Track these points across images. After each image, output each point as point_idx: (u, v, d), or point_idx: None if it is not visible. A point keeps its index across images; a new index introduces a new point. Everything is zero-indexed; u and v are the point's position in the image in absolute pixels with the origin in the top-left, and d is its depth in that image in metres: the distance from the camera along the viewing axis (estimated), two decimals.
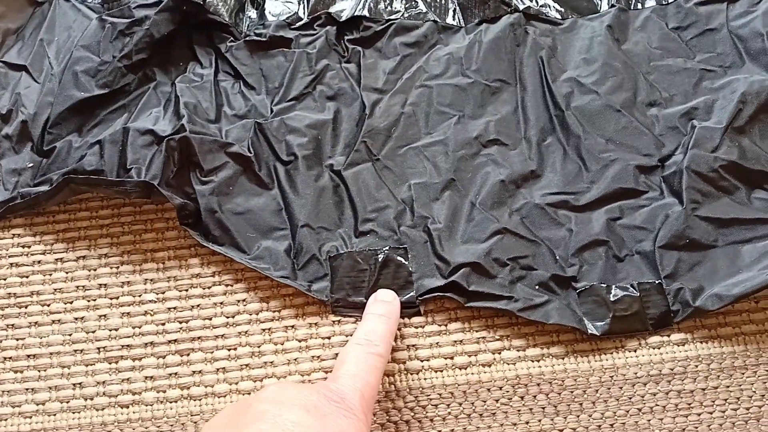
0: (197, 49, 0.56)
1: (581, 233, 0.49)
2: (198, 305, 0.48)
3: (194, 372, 0.46)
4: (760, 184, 0.51)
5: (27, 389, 0.46)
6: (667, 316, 0.47)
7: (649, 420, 0.45)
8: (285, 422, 0.34)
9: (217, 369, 0.46)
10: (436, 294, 0.48)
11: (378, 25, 0.57)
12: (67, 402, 0.46)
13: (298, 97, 0.54)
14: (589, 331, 0.46)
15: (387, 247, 0.49)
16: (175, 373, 0.46)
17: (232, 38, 0.57)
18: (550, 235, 0.49)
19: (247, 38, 0.57)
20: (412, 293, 0.47)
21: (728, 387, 0.46)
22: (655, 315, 0.47)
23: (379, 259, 0.48)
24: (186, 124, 0.50)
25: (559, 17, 0.58)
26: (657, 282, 0.48)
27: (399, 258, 0.48)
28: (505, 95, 0.55)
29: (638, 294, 0.47)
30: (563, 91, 0.54)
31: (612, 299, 0.47)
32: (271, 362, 0.47)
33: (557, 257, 0.48)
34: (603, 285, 0.48)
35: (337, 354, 0.46)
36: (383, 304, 0.45)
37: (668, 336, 0.47)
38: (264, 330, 0.47)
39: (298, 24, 0.58)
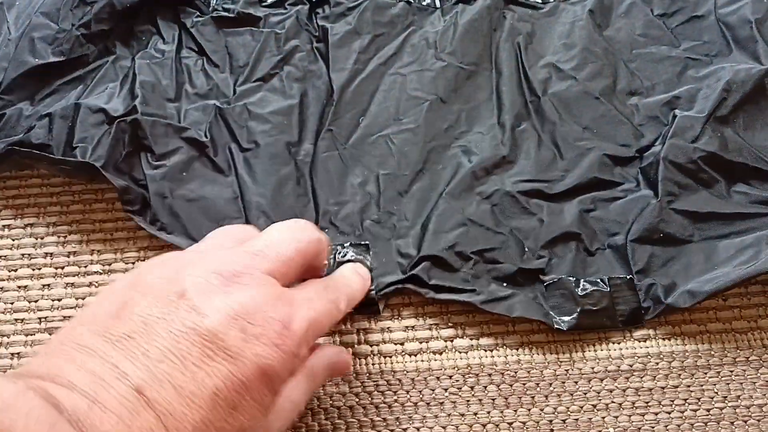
0: (161, 24, 0.58)
1: (552, 224, 0.50)
2: None
3: None
4: (741, 178, 0.52)
5: None
6: (638, 313, 0.48)
7: (603, 417, 0.47)
8: (200, 329, 0.33)
9: None
10: (396, 287, 0.49)
11: (350, 1, 0.59)
12: (4, 371, 0.48)
13: (264, 78, 0.56)
14: (556, 326, 0.47)
15: (348, 243, 0.50)
16: None
17: (198, 13, 0.59)
18: (520, 225, 0.51)
19: (214, 14, 0.59)
20: (372, 289, 0.48)
21: (689, 387, 0.48)
22: (626, 311, 0.48)
23: (339, 255, 0.49)
24: (139, 105, 0.52)
25: (540, 1, 0.60)
26: (628, 277, 0.49)
27: (359, 254, 0.50)
28: (480, 79, 0.56)
29: (608, 289, 0.49)
30: (540, 76, 0.56)
31: (580, 293, 0.48)
32: None
33: (526, 249, 0.50)
34: (572, 278, 0.49)
35: None
36: (360, 275, 0.45)
37: (630, 331, 0.49)
38: None
39: (268, 1, 0.60)
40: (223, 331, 0.33)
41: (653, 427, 0.46)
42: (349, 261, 0.48)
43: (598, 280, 0.48)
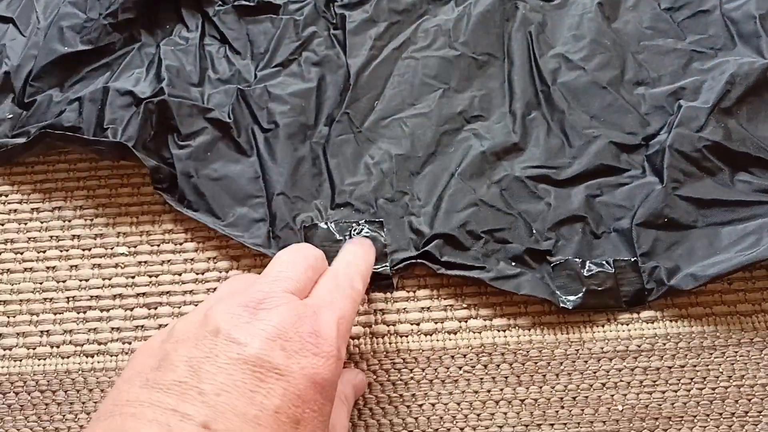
0: (184, 12, 0.60)
1: (560, 208, 0.52)
2: (169, 260, 0.52)
3: (160, 325, 0.50)
4: (744, 167, 0.53)
5: None
6: (642, 294, 0.50)
7: (612, 395, 0.48)
8: (245, 357, 0.34)
9: None
10: (409, 262, 0.51)
11: None
12: (34, 348, 0.50)
13: (283, 64, 0.58)
14: (561, 305, 0.49)
15: (363, 220, 0.52)
16: (142, 326, 0.50)
17: (220, 2, 0.60)
18: (528, 208, 0.52)
19: (235, 3, 0.60)
20: (386, 265, 0.50)
21: (695, 366, 0.49)
22: (629, 292, 0.50)
23: (354, 231, 0.51)
24: (165, 87, 0.54)
25: None
26: (633, 259, 0.50)
27: (374, 231, 0.52)
28: (492, 69, 0.58)
29: (613, 270, 0.50)
30: (550, 66, 0.57)
31: (586, 274, 0.50)
32: None
33: (533, 231, 0.52)
34: (578, 260, 0.51)
35: None
36: (360, 242, 0.46)
37: (638, 313, 0.50)
38: None
39: None
40: (266, 353, 0.34)
41: (660, 405, 0.47)
42: (364, 237, 0.50)
43: (604, 262, 0.49)
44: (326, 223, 0.51)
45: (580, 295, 0.49)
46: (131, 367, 0.37)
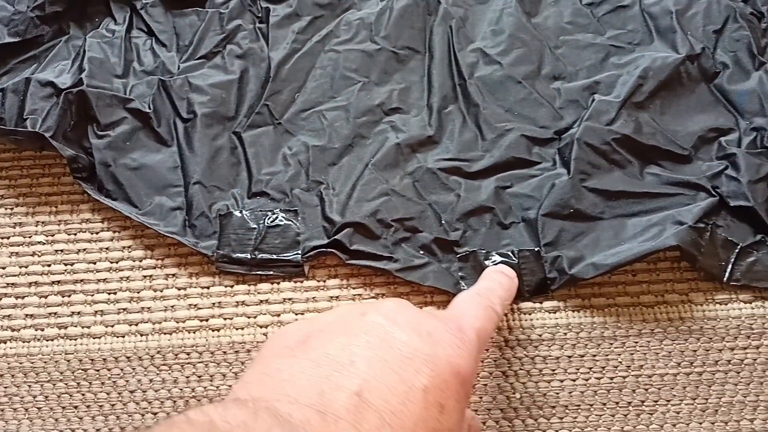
0: (113, 6, 0.60)
1: (469, 199, 0.53)
2: (84, 249, 0.52)
3: (73, 313, 0.50)
4: (653, 160, 0.54)
5: None
6: (544, 283, 0.50)
7: (511, 383, 0.49)
8: (394, 340, 0.34)
9: (96, 311, 0.50)
10: (320, 251, 0.51)
11: None
12: None
13: (207, 56, 0.58)
14: None
15: (278, 209, 0.52)
16: (55, 313, 0.50)
17: None
18: (438, 199, 0.53)
19: None
20: (297, 253, 0.51)
21: (594, 356, 0.49)
22: (532, 282, 0.50)
23: (268, 220, 0.52)
24: (85, 78, 0.55)
25: None
26: (536, 249, 0.51)
27: (288, 219, 0.52)
28: (413, 63, 0.58)
29: (516, 261, 0.50)
30: (468, 60, 0.58)
31: (489, 265, 0.50)
32: (149, 308, 0.50)
33: (443, 221, 0.52)
34: (483, 251, 0.51)
35: (216, 303, 0.50)
36: (504, 274, 0.47)
37: (541, 303, 0.50)
38: (145, 277, 0.51)
39: None
40: (413, 339, 0.35)
41: (558, 393, 0.48)
42: (277, 226, 0.51)
43: (508, 253, 0.50)
44: (241, 212, 0.51)
45: None
46: (276, 341, 0.38)
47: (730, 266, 0.50)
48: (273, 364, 0.36)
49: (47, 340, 0.50)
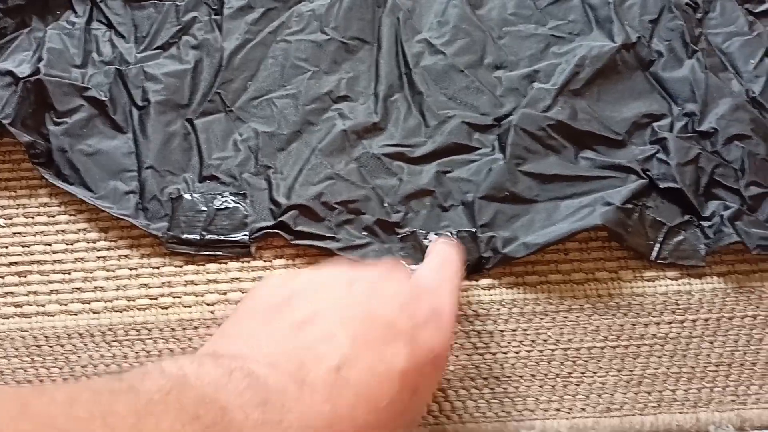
0: None
1: (411, 183, 0.55)
2: (41, 231, 0.54)
3: (29, 292, 0.53)
4: (588, 145, 0.56)
5: None
6: (479, 262, 0.52)
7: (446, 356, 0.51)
8: (378, 318, 0.36)
9: (51, 291, 0.52)
10: (266, 232, 0.53)
11: None
12: None
13: (163, 47, 0.61)
14: None
15: (227, 192, 0.54)
16: (11, 292, 0.53)
17: None
18: (382, 183, 0.55)
19: None
20: (245, 234, 0.54)
21: (525, 330, 0.52)
22: (468, 261, 0.52)
23: (217, 202, 0.54)
24: (43, 67, 0.57)
25: None
26: (473, 230, 0.53)
27: (237, 202, 0.54)
28: (361, 53, 0.60)
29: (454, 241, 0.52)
30: (414, 51, 0.60)
31: (428, 245, 0.52)
32: (101, 287, 0.53)
33: (385, 204, 0.54)
34: (423, 231, 0.53)
35: (166, 282, 0.52)
36: (449, 245, 0.48)
37: (477, 281, 0.52)
38: (99, 257, 0.54)
39: None
40: (396, 318, 0.37)
41: (490, 366, 0.50)
42: (226, 208, 0.54)
43: (446, 233, 0.51)
44: (191, 195, 0.53)
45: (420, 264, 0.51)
46: (253, 300, 0.39)
47: (658, 245, 0.53)
48: (255, 321, 0.37)
49: (4, 318, 0.52)
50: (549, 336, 0.52)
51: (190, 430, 0.28)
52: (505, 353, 0.51)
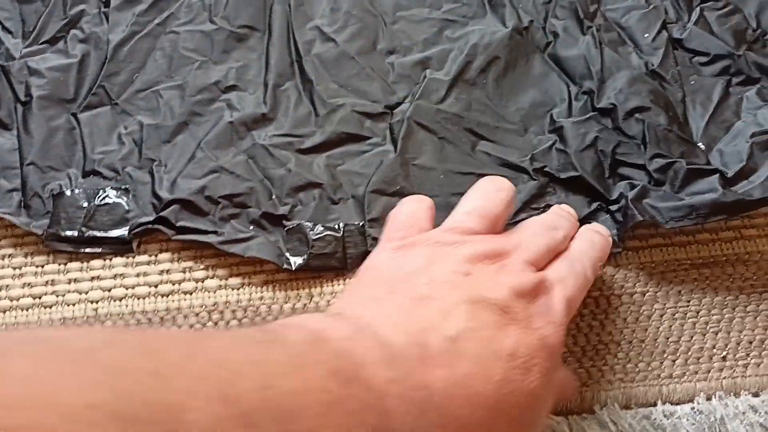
0: None
1: (299, 174, 0.55)
2: None
3: None
4: (485, 136, 0.56)
5: None
6: (366, 256, 0.52)
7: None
8: (491, 307, 0.37)
9: None
10: (146, 227, 0.52)
11: None
12: None
13: (50, 41, 0.60)
14: (285, 266, 0.51)
15: (108, 187, 0.54)
16: None
17: None
18: (269, 174, 0.55)
19: None
20: (125, 229, 0.53)
21: None
22: (354, 254, 0.52)
23: (99, 198, 0.53)
24: None
25: None
26: (360, 224, 0.52)
27: (119, 197, 0.53)
28: (252, 41, 0.60)
29: (341, 234, 0.52)
30: (306, 38, 0.60)
31: (314, 237, 0.52)
32: None
33: (273, 196, 0.53)
34: (309, 224, 0.52)
35: (49, 281, 0.52)
36: (598, 232, 0.46)
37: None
38: None
39: None
40: (512, 305, 0.37)
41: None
42: (106, 204, 0.52)
43: (334, 226, 0.51)
44: (73, 191, 0.52)
45: (305, 257, 0.50)
46: (372, 276, 0.41)
47: None
48: (379, 289, 0.39)
49: None
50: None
51: (333, 382, 0.30)
52: None
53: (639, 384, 0.50)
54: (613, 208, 0.53)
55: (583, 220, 0.52)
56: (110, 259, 0.53)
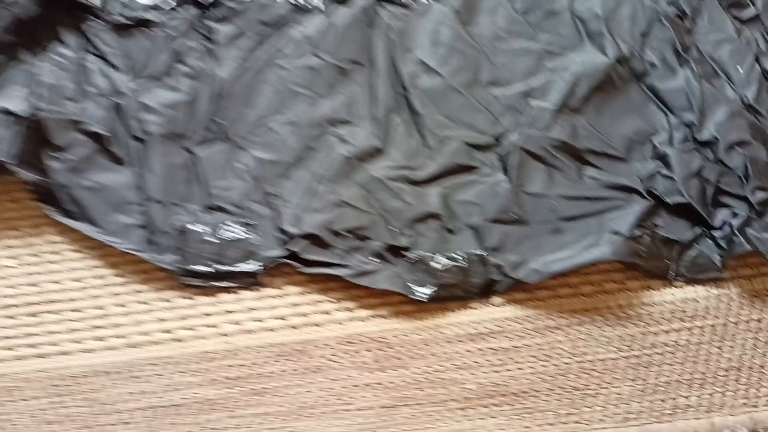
0: (64, 31, 0.62)
1: (416, 206, 0.56)
2: (51, 270, 0.56)
3: (45, 332, 0.54)
4: (590, 162, 0.58)
5: None
6: (489, 286, 0.54)
7: (463, 375, 0.52)
8: None
9: (66, 329, 0.53)
10: (276, 262, 0.54)
11: (236, 4, 0.63)
12: None
13: (158, 77, 0.61)
14: (416, 297, 0.53)
15: (232, 221, 0.55)
16: (27, 333, 0.54)
17: (98, 20, 0.62)
18: (387, 207, 0.56)
19: (114, 21, 0.62)
20: (257, 264, 0.54)
21: (540, 345, 0.53)
22: (478, 284, 0.54)
23: (224, 233, 0.54)
24: (38, 103, 0.57)
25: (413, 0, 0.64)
26: (482, 254, 0.54)
27: (243, 232, 0.54)
28: (357, 76, 0.61)
29: (463, 264, 0.54)
30: (409, 71, 0.61)
31: (439, 268, 0.53)
32: (117, 323, 0.54)
33: (392, 228, 0.55)
34: (431, 255, 0.54)
35: (181, 315, 0.52)
36: None
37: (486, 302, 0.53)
38: (112, 293, 0.55)
39: (164, 7, 0.63)
40: None
41: (507, 382, 0.52)
42: (233, 238, 0.55)
43: (455, 256, 0.52)
44: (197, 226, 0.53)
45: (433, 287, 0.52)
46: None
47: (674, 264, 0.54)
48: None
49: (20, 360, 0.53)
50: (562, 350, 0.53)
51: None
52: (521, 369, 0.52)
53: (764, 408, 0.52)
54: (717, 234, 0.55)
55: (687, 245, 0.54)
56: (238, 293, 0.55)
